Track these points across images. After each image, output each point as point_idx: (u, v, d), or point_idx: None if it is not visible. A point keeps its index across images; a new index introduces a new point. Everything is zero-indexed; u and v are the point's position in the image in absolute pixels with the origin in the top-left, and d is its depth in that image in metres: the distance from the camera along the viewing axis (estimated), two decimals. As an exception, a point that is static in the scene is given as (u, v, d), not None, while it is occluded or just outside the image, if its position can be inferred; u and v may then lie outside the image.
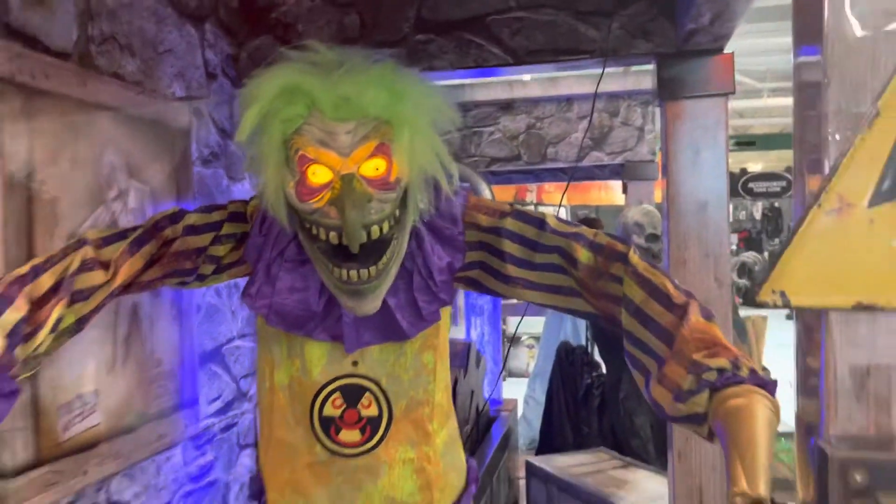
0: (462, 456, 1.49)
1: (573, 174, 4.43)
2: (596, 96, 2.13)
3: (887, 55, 0.76)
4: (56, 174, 1.30)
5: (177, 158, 1.68)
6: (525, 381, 5.92)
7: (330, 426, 1.27)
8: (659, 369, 1.10)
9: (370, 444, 1.28)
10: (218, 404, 1.91)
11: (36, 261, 1.11)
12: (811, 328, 0.71)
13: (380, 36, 1.95)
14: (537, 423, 4.59)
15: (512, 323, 6.63)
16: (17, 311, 1.03)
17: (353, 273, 1.10)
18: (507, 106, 4.35)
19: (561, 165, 4.36)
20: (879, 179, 0.67)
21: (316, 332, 1.23)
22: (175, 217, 1.25)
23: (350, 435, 1.27)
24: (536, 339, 6.92)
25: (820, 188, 0.65)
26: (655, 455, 3.26)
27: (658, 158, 4.21)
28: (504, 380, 5.02)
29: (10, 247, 1.20)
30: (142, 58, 1.60)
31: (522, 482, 3.97)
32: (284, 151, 1.09)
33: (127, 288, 1.23)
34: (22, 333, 1.03)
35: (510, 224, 1.24)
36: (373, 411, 1.27)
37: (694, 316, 1.08)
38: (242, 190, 2.07)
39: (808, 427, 0.71)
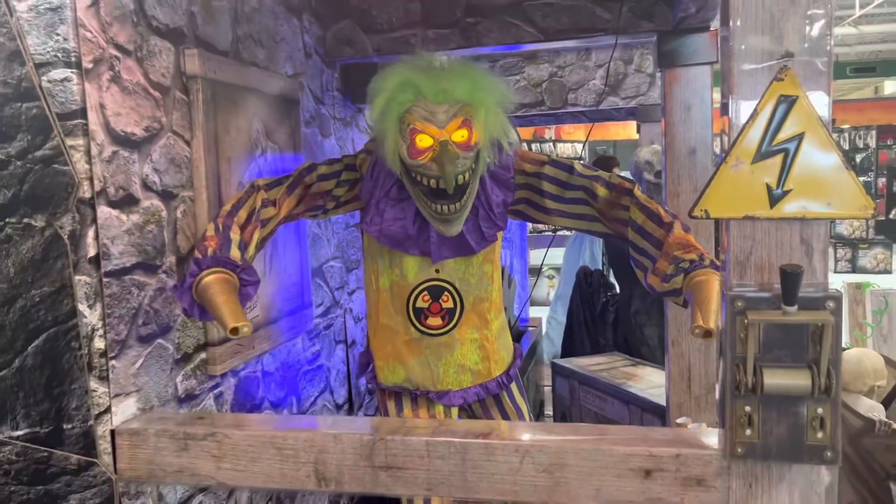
0: (510, 340, 2.08)
1: (594, 117, 4.90)
2: (612, 55, 2.62)
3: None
4: (228, 140, 1.86)
5: (293, 123, 2.22)
6: (545, 308, 6.53)
7: (420, 315, 1.86)
8: (653, 265, 1.68)
9: (448, 327, 1.87)
10: (321, 309, 2.51)
11: (233, 201, 1.67)
12: (722, 235, 1.27)
13: (437, 19, 2.46)
14: (559, 340, 5.19)
15: (534, 255, 7.18)
16: (236, 234, 1.60)
17: (445, 207, 1.67)
18: (531, 56, 4.81)
19: (581, 109, 4.83)
20: (758, 147, 1.21)
21: (411, 249, 1.81)
22: (310, 168, 1.81)
23: (434, 321, 1.86)
24: (556, 269, 7.50)
25: (727, 152, 1.19)
26: (661, 360, 3.85)
27: (668, 102, 4.64)
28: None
29: (210, 190, 1.76)
30: (266, 47, 2.13)
31: (547, 389, 4.60)
32: (398, 125, 1.64)
33: (285, 218, 1.81)
34: (242, 248, 1.61)
35: (548, 170, 1.80)
36: (450, 304, 1.86)
37: (677, 229, 1.65)
38: (331, 144, 2.62)
39: (722, 286, 1.27)
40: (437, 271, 1.85)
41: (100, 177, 1.42)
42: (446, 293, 1.86)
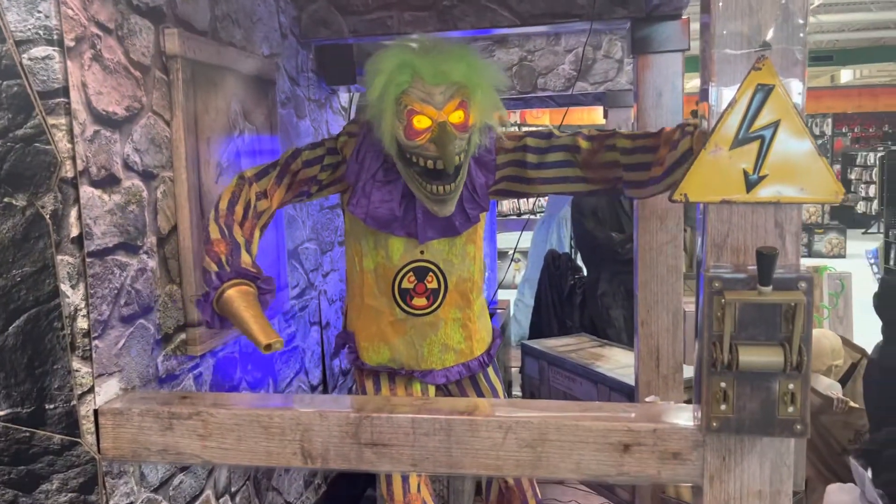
0: (489, 321, 2.12)
1: (562, 102, 4.94)
2: (586, 41, 2.66)
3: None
4: (208, 121, 1.85)
5: (269, 104, 2.22)
6: (512, 291, 6.60)
7: (406, 295, 1.88)
8: (656, 159, 1.67)
9: (433, 307, 1.90)
10: (296, 290, 2.51)
11: (227, 196, 1.66)
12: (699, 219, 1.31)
13: (414, 1, 2.46)
14: (526, 322, 5.26)
15: (501, 239, 7.24)
16: (240, 234, 1.60)
17: (441, 188, 1.69)
18: (501, 40, 4.82)
19: (550, 94, 4.87)
20: (736, 134, 1.25)
21: (396, 230, 1.82)
22: (295, 154, 1.81)
23: (419, 301, 1.89)
24: (523, 253, 7.58)
25: (706, 138, 1.24)
26: (627, 341, 3.93)
27: (635, 88, 4.70)
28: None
29: (190, 170, 1.75)
30: (244, 27, 2.12)
31: (514, 370, 4.67)
32: (395, 106, 1.65)
33: (277, 208, 1.81)
34: (249, 250, 1.61)
35: (529, 141, 1.84)
36: (434, 285, 1.89)
37: (666, 128, 1.68)
38: (305, 125, 2.61)
39: (699, 266, 1.32)
40: (421, 252, 1.88)
41: (82, 156, 1.41)
42: (431, 274, 1.89)
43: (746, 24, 1.19)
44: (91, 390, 1.44)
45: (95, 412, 1.45)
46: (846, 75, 19.71)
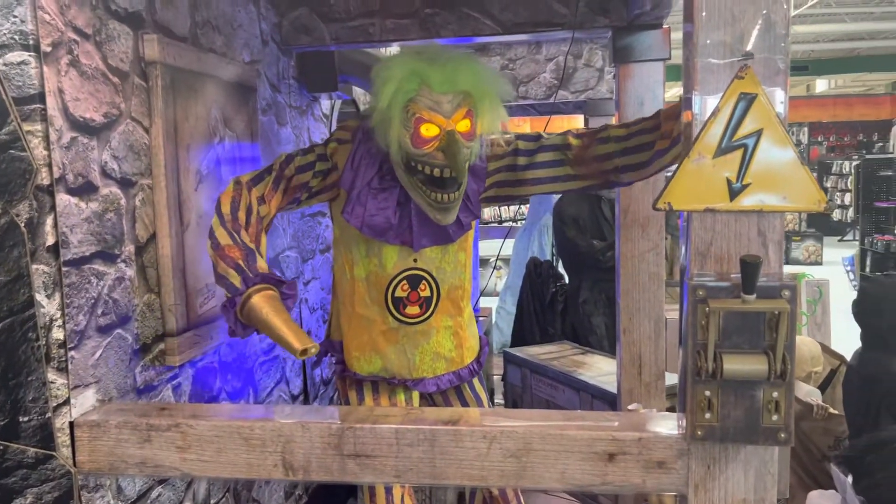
0: (476, 328, 2.11)
1: (543, 111, 4.96)
2: (568, 49, 2.66)
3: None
4: (187, 127, 1.83)
5: (250, 111, 2.20)
6: (493, 299, 6.60)
7: (399, 304, 1.86)
8: (659, 136, 1.70)
9: (425, 316, 1.88)
10: (277, 299, 2.48)
11: (227, 201, 1.64)
12: (680, 227, 1.31)
13: (396, 9, 2.45)
14: (508, 330, 5.26)
15: (483, 247, 7.25)
16: (249, 240, 1.58)
17: (445, 196, 1.69)
18: (482, 48, 4.83)
19: (531, 102, 4.88)
20: (719, 143, 1.26)
21: (391, 239, 1.81)
22: (288, 160, 1.79)
23: (413, 309, 1.87)
24: (504, 261, 7.58)
25: (689, 146, 1.24)
26: (608, 348, 3.94)
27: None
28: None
29: (169, 178, 1.73)
30: (224, 34, 2.10)
31: (496, 378, 4.66)
32: (402, 114, 1.64)
33: (275, 215, 1.77)
34: (261, 255, 1.58)
35: (520, 144, 1.85)
36: (427, 293, 1.87)
37: (663, 108, 1.71)
38: (286, 132, 2.59)
39: (683, 275, 1.32)
40: (415, 260, 1.86)
41: (58, 163, 1.38)
42: (424, 282, 1.88)
43: (729, 33, 1.19)
44: (66, 402, 1.41)
45: (71, 424, 1.42)
46: (821, 85, 20.01)
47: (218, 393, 2.04)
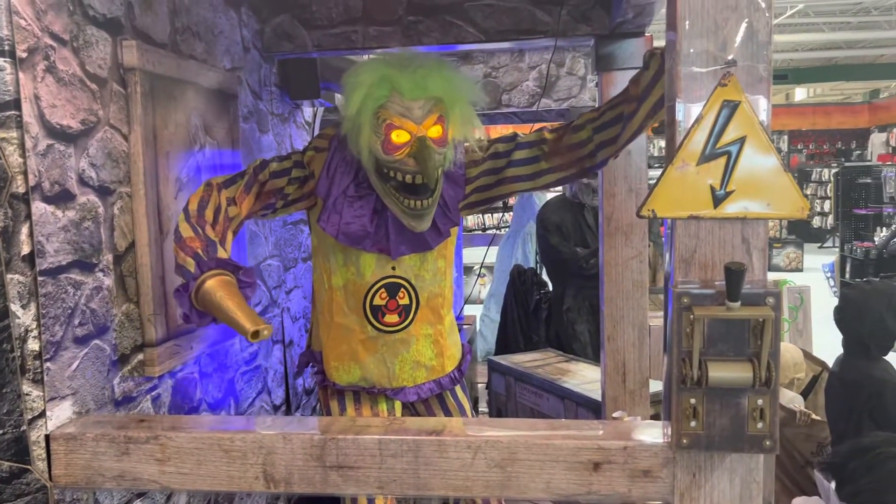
0: (458, 336, 2.09)
1: (526, 119, 4.96)
2: (551, 57, 2.66)
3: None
4: (167, 135, 1.81)
5: (231, 118, 2.18)
6: (478, 306, 6.59)
7: (377, 312, 1.84)
8: (626, 105, 1.75)
9: (405, 324, 1.87)
10: (259, 308, 2.46)
11: (196, 200, 1.62)
12: (666, 234, 1.31)
13: (379, 16, 2.45)
14: (492, 338, 5.25)
15: (467, 254, 7.25)
16: (212, 234, 1.56)
17: (418, 202, 1.68)
18: (465, 56, 4.84)
19: (514, 110, 4.89)
20: (703, 150, 1.25)
21: (368, 247, 1.79)
22: (263, 165, 1.78)
23: (391, 318, 1.85)
24: (488, 268, 7.58)
25: (672, 154, 1.24)
26: (592, 355, 3.94)
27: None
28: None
29: (148, 186, 1.70)
30: (205, 40, 2.08)
31: (480, 386, 4.64)
32: (372, 120, 1.63)
33: (245, 218, 1.76)
34: (224, 249, 1.57)
35: (498, 147, 1.85)
36: (406, 301, 1.85)
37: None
38: (268, 139, 2.57)
39: (667, 282, 1.31)
40: (393, 268, 1.85)
41: (34, 171, 1.36)
42: (402, 290, 1.86)
43: (712, 41, 1.19)
44: (42, 415, 1.38)
45: (47, 437, 1.38)
46: (800, 93, 20.25)
47: (199, 404, 2.01)
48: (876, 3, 11.71)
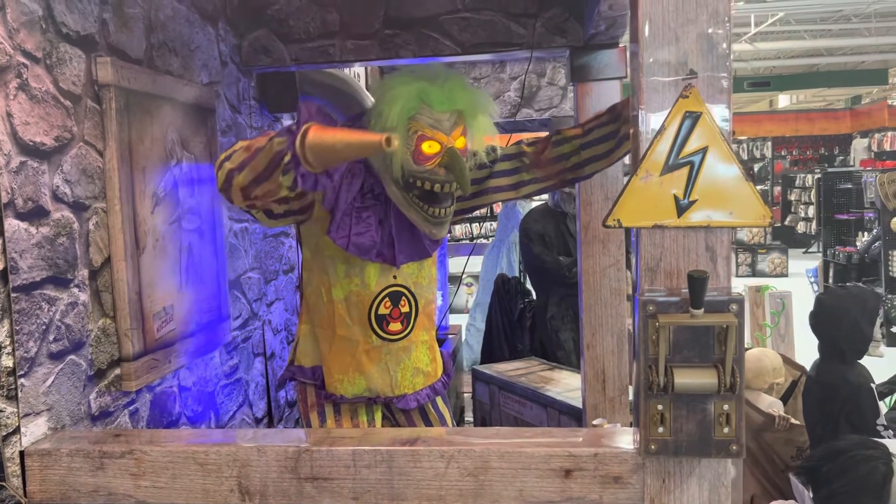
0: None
1: (508, 129, 4.99)
2: (527, 69, 2.69)
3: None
4: (143, 150, 1.81)
5: (209, 132, 2.19)
6: (464, 316, 6.60)
7: (382, 321, 1.86)
8: (620, 123, 1.81)
9: (406, 331, 1.89)
10: (239, 321, 2.47)
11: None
12: (632, 243, 1.33)
13: (356, 30, 2.47)
14: (478, 347, 5.25)
15: (452, 264, 7.27)
16: None
17: (441, 210, 1.74)
18: (447, 67, 4.87)
19: (496, 120, 4.91)
20: (666, 160, 1.28)
21: (374, 257, 1.81)
22: None
23: (395, 326, 1.87)
24: (474, 277, 7.60)
25: (637, 165, 1.26)
26: (576, 363, 3.96)
27: (579, 114, 4.77)
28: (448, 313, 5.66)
29: (124, 201, 1.71)
30: (181, 56, 2.09)
31: (466, 395, 4.65)
32: (404, 132, 1.66)
33: None
34: None
35: (481, 157, 1.89)
36: (407, 308, 1.88)
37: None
38: (247, 153, 2.58)
39: (634, 290, 1.33)
40: (394, 277, 1.87)
41: (7, 188, 1.36)
42: (404, 297, 1.89)
43: (673, 52, 1.22)
44: (17, 431, 1.38)
45: (21, 454, 1.39)
46: (783, 100, 20.44)
47: (178, 418, 2.01)
48: (856, 11, 11.86)
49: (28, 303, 1.42)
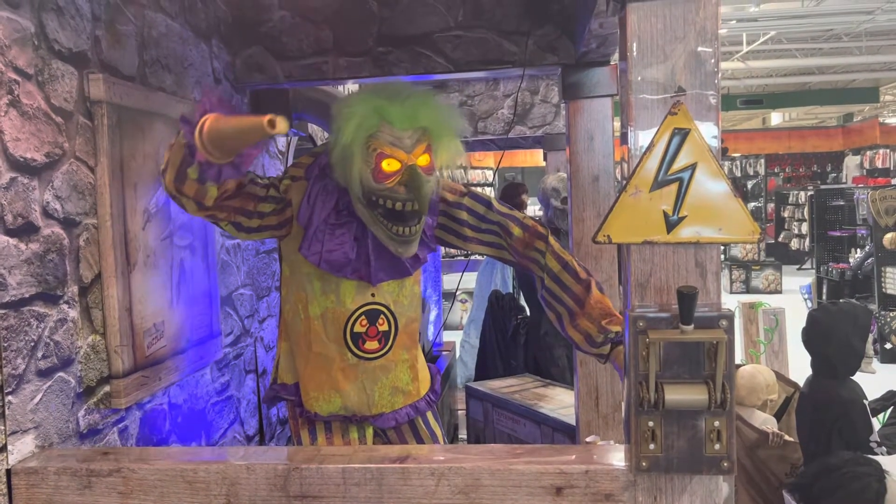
0: (424, 360, 2.11)
1: (503, 145, 5.01)
2: (519, 86, 2.71)
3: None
4: (135, 166, 1.82)
5: (202, 149, 2.19)
6: (458, 332, 6.58)
7: (358, 339, 1.84)
8: (571, 318, 1.77)
9: (384, 350, 1.87)
10: (230, 338, 2.46)
11: None
12: (623, 259, 1.33)
13: (349, 47, 2.48)
14: (472, 363, 5.23)
15: (447, 281, 7.26)
16: None
17: (406, 229, 1.71)
18: (441, 85, 4.89)
19: (490, 137, 4.94)
20: (655, 176, 1.29)
21: (349, 274, 1.80)
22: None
23: (372, 344, 1.86)
24: (468, 293, 7.59)
25: (626, 181, 1.27)
26: (570, 380, 3.94)
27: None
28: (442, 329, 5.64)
29: (115, 217, 1.71)
30: (175, 73, 2.10)
31: (461, 413, 4.63)
32: (363, 150, 1.65)
33: (229, 198, 1.65)
34: None
35: (467, 201, 1.86)
36: (385, 327, 1.86)
37: (594, 290, 1.76)
38: (240, 170, 2.58)
39: (625, 307, 1.34)
40: (372, 295, 1.86)
41: (-4, 204, 1.36)
42: (382, 316, 1.87)
43: (661, 70, 1.23)
44: (3, 449, 1.37)
45: (8, 472, 1.37)
46: (776, 118, 20.59)
47: (168, 436, 2.00)
48: (847, 30, 11.98)
49: (16, 319, 1.41)
